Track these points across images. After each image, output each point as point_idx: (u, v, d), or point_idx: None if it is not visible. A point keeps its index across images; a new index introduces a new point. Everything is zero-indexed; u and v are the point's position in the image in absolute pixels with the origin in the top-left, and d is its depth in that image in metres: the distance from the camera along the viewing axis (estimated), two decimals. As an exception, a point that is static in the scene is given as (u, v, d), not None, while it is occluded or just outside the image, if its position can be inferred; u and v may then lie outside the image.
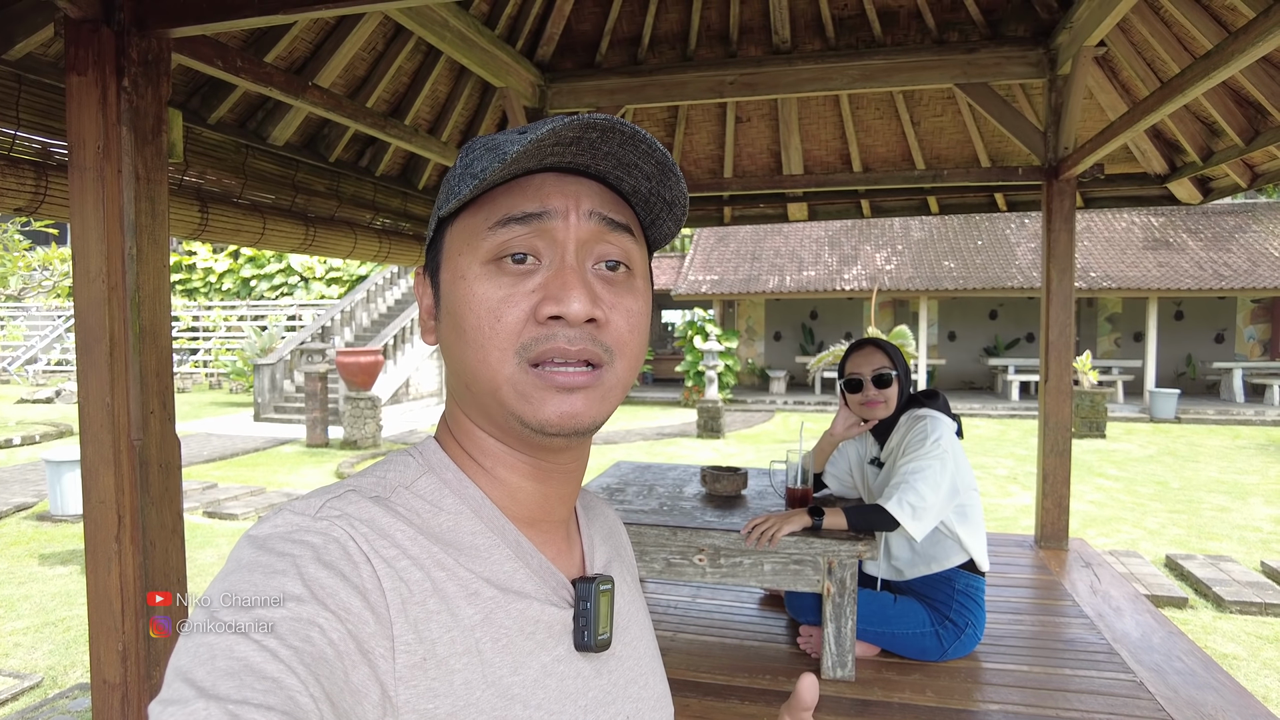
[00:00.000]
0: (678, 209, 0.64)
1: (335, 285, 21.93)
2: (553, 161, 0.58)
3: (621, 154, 0.58)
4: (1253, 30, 1.88)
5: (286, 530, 0.52)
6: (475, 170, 0.58)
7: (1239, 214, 17.22)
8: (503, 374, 0.58)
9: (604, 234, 0.60)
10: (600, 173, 0.61)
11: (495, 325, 0.57)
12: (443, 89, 4.00)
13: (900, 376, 2.62)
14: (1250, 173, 3.74)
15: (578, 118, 0.54)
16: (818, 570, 2.41)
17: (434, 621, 0.52)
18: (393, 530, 0.55)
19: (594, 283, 0.59)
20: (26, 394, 16.74)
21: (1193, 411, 14.66)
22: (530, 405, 0.58)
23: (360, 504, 0.55)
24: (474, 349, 0.58)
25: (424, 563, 0.54)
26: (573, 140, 0.56)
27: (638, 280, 0.63)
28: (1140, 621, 2.86)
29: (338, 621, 0.47)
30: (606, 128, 0.55)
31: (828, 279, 16.97)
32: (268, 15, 1.77)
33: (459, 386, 0.63)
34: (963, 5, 3.71)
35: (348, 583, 0.49)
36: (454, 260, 0.60)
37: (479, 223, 0.59)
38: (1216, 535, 7.05)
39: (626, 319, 0.60)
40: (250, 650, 0.44)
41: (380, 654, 0.49)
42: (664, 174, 0.61)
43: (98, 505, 1.84)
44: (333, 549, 0.51)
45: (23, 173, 2.17)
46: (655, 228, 0.66)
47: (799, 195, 4.99)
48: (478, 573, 0.57)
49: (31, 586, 5.54)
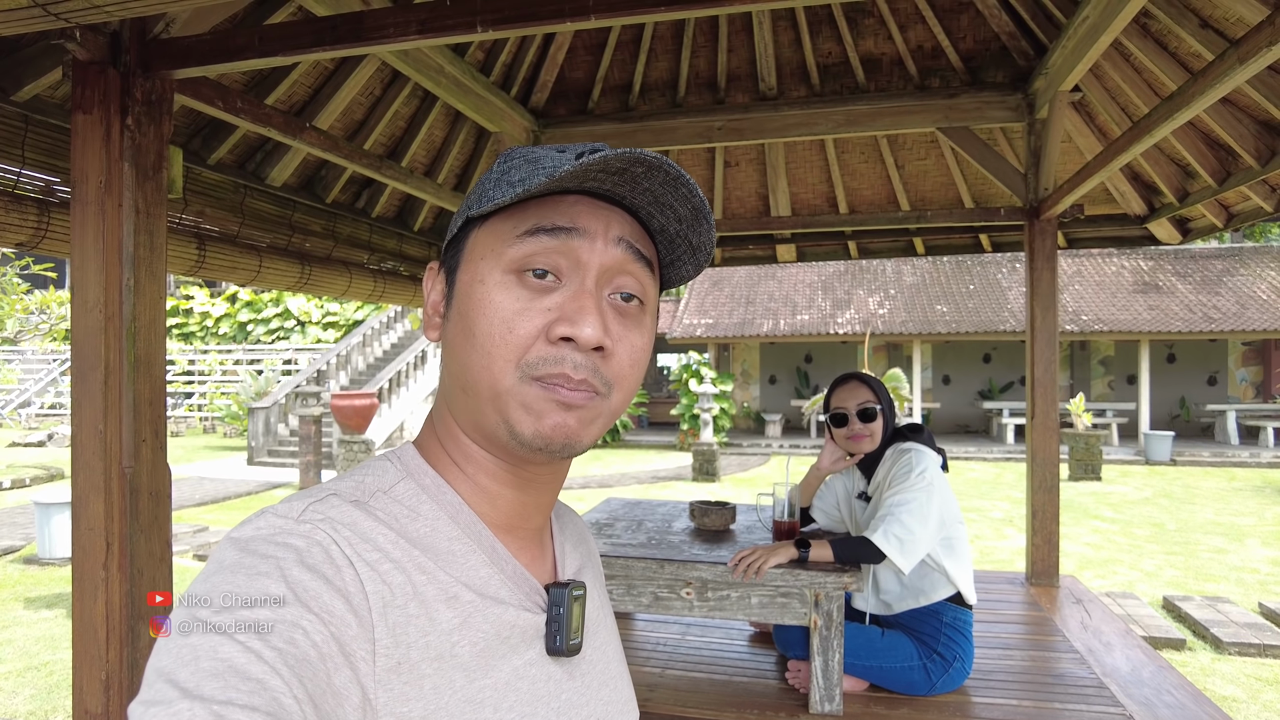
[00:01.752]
0: (702, 254, 0.66)
1: (332, 329, 22.00)
2: (592, 186, 0.59)
3: (660, 192, 0.60)
4: (1210, 73, 1.97)
5: (269, 532, 0.52)
6: (513, 179, 0.60)
7: (1226, 257, 17.48)
8: (504, 384, 0.58)
9: (627, 263, 0.61)
10: (634, 206, 0.62)
11: (507, 335, 0.58)
12: (439, 133, 4.10)
13: (884, 411, 2.65)
14: (1226, 213, 3.84)
15: (629, 151, 0.55)
16: (804, 603, 2.41)
17: (412, 626, 0.53)
18: (374, 534, 0.55)
19: (607, 311, 0.60)
20: (19, 437, 16.66)
21: (1188, 454, 14.67)
22: (528, 417, 0.59)
23: (342, 507, 0.56)
24: (480, 354, 0.59)
25: (405, 566, 0.55)
26: (619, 170, 0.57)
27: (647, 317, 0.64)
28: (1130, 656, 2.85)
29: (321, 624, 0.48)
30: (654, 165, 0.56)
31: (821, 323, 17.10)
32: (267, 57, 1.84)
33: (454, 389, 0.63)
34: (943, 53, 3.85)
35: (331, 585, 0.50)
36: (475, 263, 0.61)
37: (508, 229, 0.60)
38: (1214, 577, 7.01)
39: (630, 353, 0.62)
40: (234, 651, 0.44)
41: (362, 656, 0.50)
42: (697, 219, 0.62)
43: (86, 532, 1.85)
44: (316, 552, 0.51)
45: (25, 209, 2.23)
46: (674, 268, 0.68)
47: (787, 237, 5.09)
48: (456, 577, 0.58)
49: (15, 630, 5.46)
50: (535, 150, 0.63)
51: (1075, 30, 2.99)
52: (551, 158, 0.60)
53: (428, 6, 1.72)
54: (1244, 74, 1.89)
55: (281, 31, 1.84)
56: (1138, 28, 3.01)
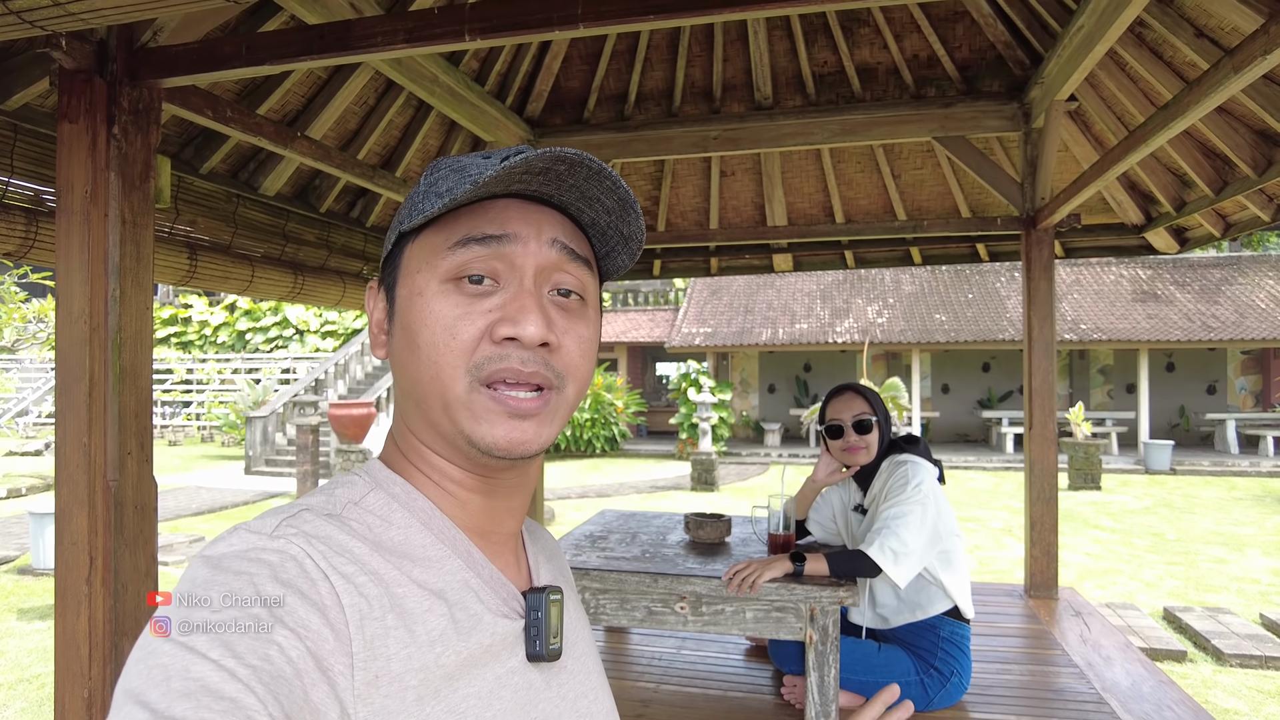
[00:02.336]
0: (634, 243, 0.66)
1: (330, 338, 21.97)
2: (519, 188, 0.59)
3: (586, 188, 0.60)
4: (1206, 82, 1.95)
5: (242, 549, 0.51)
6: (440, 189, 0.60)
7: (1224, 266, 17.47)
8: (454, 391, 0.58)
9: (563, 263, 0.61)
10: (562, 203, 0.62)
11: (450, 342, 0.58)
12: (434, 142, 4.09)
13: (880, 422, 2.63)
14: (1223, 223, 3.83)
15: (549, 150, 0.55)
16: (800, 617, 2.38)
17: (391, 638, 0.52)
18: (349, 545, 0.54)
19: (549, 308, 0.60)
20: (15, 446, 16.61)
21: (1188, 463, 14.62)
22: (480, 425, 0.58)
23: (315, 522, 0.55)
24: (427, 364, 0.59)
25: (382, 577, 0.54)
26: (541, 170, 0.57)
27: (590, 310, 0.64)
28: (1130, 671, 2.82)
29: (296, 639, 0.47)
30: (575, 162, 0.57)
31: (820, 332, 17.07)
32: (255, 66, 1.83)
33: (408, 404, 0.63)
34: (939, 62, 3.84)
35: (306, 600, 0.49)
36: (412, 277, 0.61)
37: (439, 241, 0.60)
38: (1214, 587, 6.97)
39: (578, 344, 0.62)
40: (207, 670, 0.43)
41: (339, 671, 0.48)
42: (624, 210, 0.63)
43: (69, 547, 1.83)
44: (290, 566, 0.50)
45: (13, 218, 2.21)
46: (610, 260, 0.68)
47: (784, 246, 5.07)
48: (430, 585, 0.57)
49: (8, 642, 5.42)
50: (461, 159, 0.63)
51: (1070, 39, 2.98)
52: (477, 165, 0.60)
53: (416, 15, 1.71)
54: (1239, 83, 1.88)
55: (269, 40, 1.83)
56: (1133, 37, 3.00)
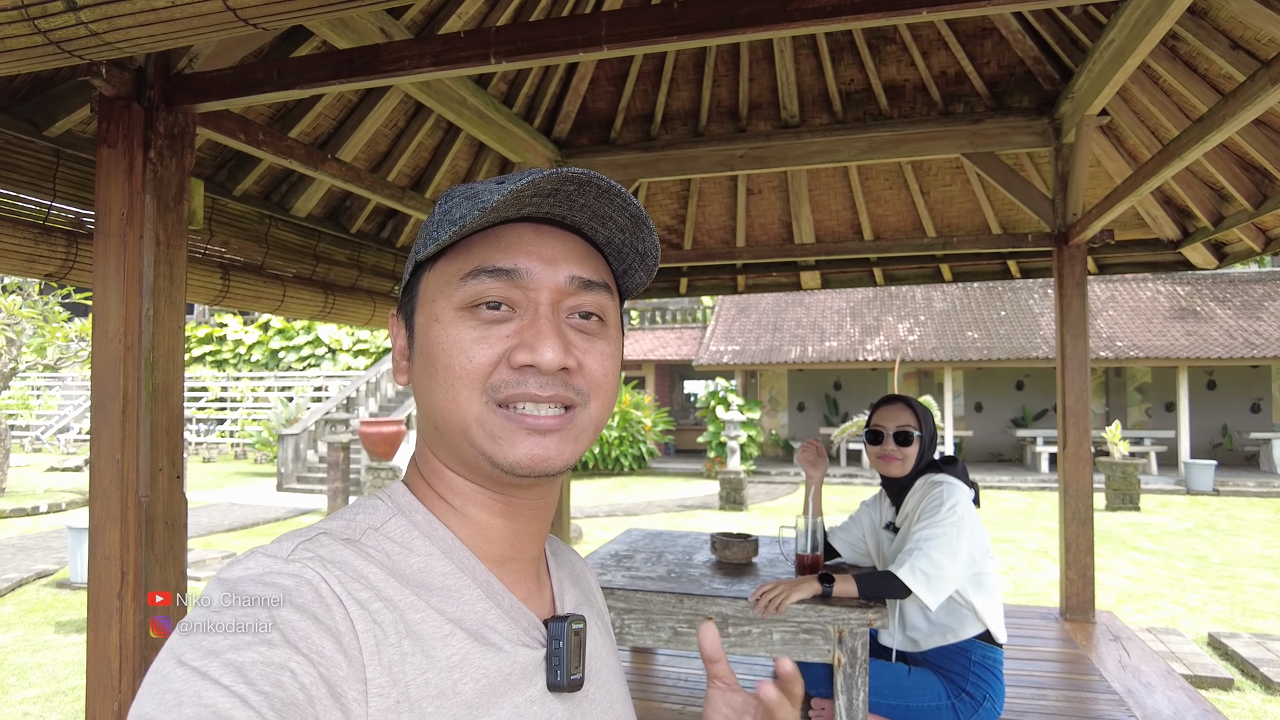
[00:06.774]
0: (649, 260, 0.66)
1: (362, 357, 22.26)
2: (530, 211, 0.59)
3: (597, 207, 0.60)
4: (1242, 94, 1.91)
5: (258, 573, 0.51)
6: (454, 217, 0.60)
7: (1267, 282, 17.03)
8: (471, 413, 0.58)
9: (579, 293, 0.61)
10: (576, 224, 0.62)
11: (467, 365, 0.58)
12: (462, 163, 4.14)
13: (923, 438, 2.58)
14: (1264, 237, 3.73)
15: (556, 171, 0.55)
16: (828, 639, 2.34)
17: (408, 664, 0.52)
18: (365, 571, 0.54)
19: (567, 331, 0.60)
20: (56, 462, 17.01)
21: (1231, 483, 14.20)
22: (500, 446, 0.58)
23: (332, 546, 0.55)
24: (444, 388, 0.59)
25: (398, 604, 0.54)
26: (550, 192, 0.57)
27: (610, 329, 0.64)
28: (1173, 699, 2.73)
29: (310, 665, 0.47)
30: (583, 181, 0.56)
31: (850, 349, 16.93)
32: (285, 90, 1.87)
33: (429, 428, 0.64)
34: (966, 78, 3.82)
35: (320, 625, 0.49)
36: (429, 305, 0.61)
37: (454, 270, 0.60)
38: (1262, 613, 6.73)
39: (600, 362, 0.62)
40: (218, 696, 0.43)
41: (353, 698, 0.48)
42: (637, 226, 0.62)
43: (102, 562, 1.86)
44: (305, 591, 0.50)
45: (55, 240, 2.27)
46: (627, 277, 0.68)
47: (811, 264, 5.05)
48: (449, 614, 0.57)
49: (45, 654, 5.52)
50: (473, 186, 0.63)
51: (1101, 54, 2.94)
52: (489, 190, 0.60)
53: (442, 39, 1.74)
54: (1277, 94, 1.83)
55: (299, 65, 1.87)
56: (1166, 50, 2.95)
